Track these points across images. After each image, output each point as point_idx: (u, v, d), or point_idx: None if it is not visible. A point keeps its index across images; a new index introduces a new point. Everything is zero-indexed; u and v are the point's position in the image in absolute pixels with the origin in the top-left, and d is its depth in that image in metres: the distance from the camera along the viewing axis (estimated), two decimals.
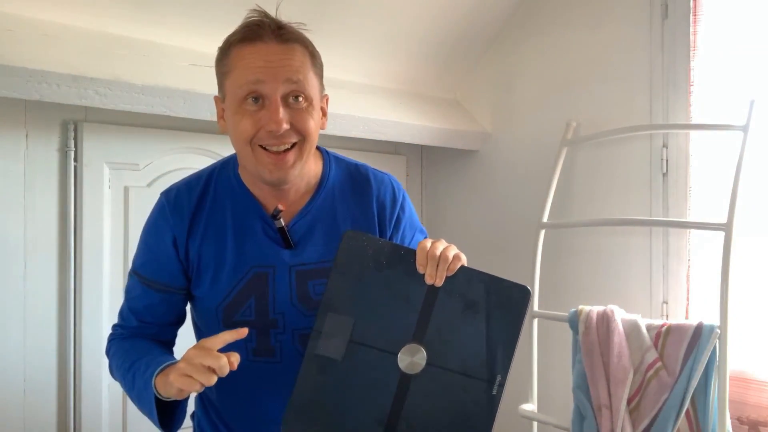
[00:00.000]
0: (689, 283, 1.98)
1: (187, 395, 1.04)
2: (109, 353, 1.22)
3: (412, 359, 1.03)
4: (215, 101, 1.16)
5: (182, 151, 1.94)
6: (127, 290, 1.23)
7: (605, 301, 1.87)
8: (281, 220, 1.14)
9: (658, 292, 2.02)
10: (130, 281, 1.22)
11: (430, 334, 1.03)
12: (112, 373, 1.21)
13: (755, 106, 1.73)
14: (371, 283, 1.05)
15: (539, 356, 2.03)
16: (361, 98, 2.20)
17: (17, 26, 1.53)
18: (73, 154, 1.74)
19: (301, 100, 1.08)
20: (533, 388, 2.02)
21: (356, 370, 1.03)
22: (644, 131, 2.03)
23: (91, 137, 1.76)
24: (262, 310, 1.14)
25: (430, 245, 1.04)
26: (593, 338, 1.75)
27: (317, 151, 1.22)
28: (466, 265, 1.05)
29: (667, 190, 2.01)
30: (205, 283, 1.16)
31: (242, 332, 1.01)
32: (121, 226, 1.83)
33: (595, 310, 1.79)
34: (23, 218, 1.67)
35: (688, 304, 1.98)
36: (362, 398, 1.03)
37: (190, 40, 1.82)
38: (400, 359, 1.03)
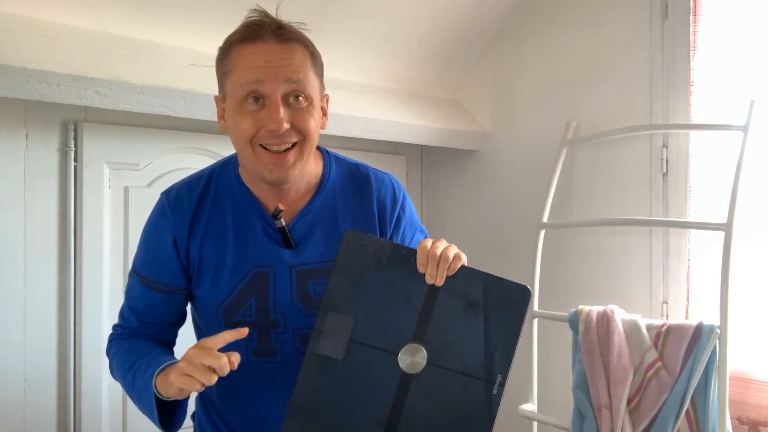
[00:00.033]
0: (689, 283, 1.98)
1: (187, 395, 1.04)
2: (109, 353, 1.22)
3: (412, 359, 1.03)
4: (216, 101, 1.16)
5: (182, 151, 1.94)
6: (127, 290, 1.23)
7: (605, 301, 1.87)
8: (282, 219, 1.14)
9: (658, 292, 2.02)
10: (130, 281, 1.22)
11: (430, 333, 1.03)
12: (112, 373, 1.21)
13: (755, 106, 1.73)
14: (372, 282, 1.05)
15: (539, 356, 2.03)
16: (361, 98, 2.20)
17: (17, 26, 1.53)
18: (73, 154, 1.74)
19: (301, 99, 1.08)
20: (533, 388, 2.02)
21: (357, 369, 1.03)
22: (644, 131, 2.03)
23: (91, 137, 1.76)
24: (262, 309, 1.14)
25: (430, 245, 1.04)
26: (593, 338, 1.75)
27: (317, 150, 1.22)
28: (466, 264, 1.05)
29: (667, 190, 2.01)
30: (205, 283, 1.16)
31: (243, 332, 1.01)
32: (121, 226, 1.83)
33: (595, 310, 1.79)
34: (23, 218, 1.67)
35: (688, 304, 1.98)
36: (363, 398, 1.03)
37: (190, 40, 1.82)
38: (400, 359, 1.03)
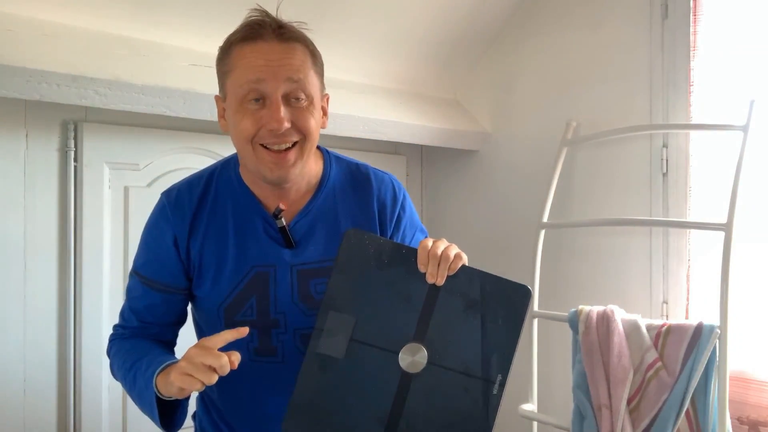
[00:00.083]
0: (689, 283, 1.98)
1: (188, 394, 1.04)
2: (110, 353, 1.22)
3: (413, 358, 1.03)
4: (216, 100, 1.16)
5: (182, 151, 1.94)
6: (128, 290, 1.23)
7: (605, 301, 1.87)
8: (282, 219, 1.14)
9: (658, 292, 2.02)
10: (131, 281, 1.22)
11: (431, 333, 1.03)
12: (113, 373, 1.21)
13: (755, 106, 1.73)
14: (373, 281, 1.05)
15: (539, 356, 2.03)
16: (361, 98, 2.20)
17: (17, 26, 1.53)
18: (73, 154, 1.74)
19: (302, 99, 1.08)
20: (533, 388, 2.02)
21: (357, 368, 1.03)
22: (644, 131, 2.03)
23: (91, 137, 1.76)
24: (263, 309, 1.14)
25: (431, 244, 1.04)
26: (593, 338, 1.75)
27: (318, 150, 1.22)
28: (467, 264, 1.05)
29: (667, 190, 2.01)
30: (206, 283, 1.16)
31: (243, 331, 1.01)
32: (121, 226, 1.82)
33: (595, 310, 1.79)
34: (23, 218, 1.67)
35: (688, 304, 1.98)
36: (363, 397, 1.03)
37: (190, 40, 1.82)
38: (401, 358, 1.03)
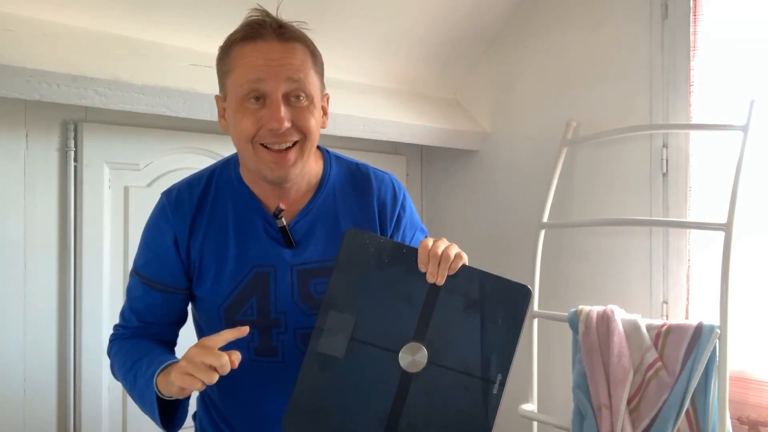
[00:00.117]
0: (689, 283, 1.98)
1: (188, 394, 1.04)
2: (110, 353, 1.22)
3: (413, 358, 1.03)
4: (216, 100, 1.16)
5: (182, 151, 1.94)
6: (128, 290, 1.22)
7: (605, 301, 1.87)
8: (282, 219, 1.14)
9: (658, 292, 2.02)
10: (131, 281, 1.21)
11: (431, 332, 1.03)
12: (113, 373, 1.21)
13: (755, 106, 1.73)
14: (373, 281, 1.05)
15: (539, 356, 2.03)
16: (361, 98, 2.20)
17: (17, 26, 1.53)
18: (73, 154, 1.74)
19: (302, 98, 1.08)
20: (533, 388, 2.02)
21: (357, 368, 1.03)
22: (644, 131, 2.03)
23: (91, 137, 1.76)
24: (263, 309, 1.14)
25: (431, 244, 1.04)
26: (593, 338, 1.75)
27: (318, 150, 1.22)
28: (467, 264, 1.05)
29: (667, 190, 2.01)
30: (206, 283, 1.16)
31: (243, 330, 1.01)
32: (121, 226, 1.82)
33: (595, 310, 1.79)
34: (23, 218, 1.67)
35: (688, 304, 1.98)
36: (363, 396, 1.03)
37: (190, 40, 1.82)
38: (401, 358, 1.03)
